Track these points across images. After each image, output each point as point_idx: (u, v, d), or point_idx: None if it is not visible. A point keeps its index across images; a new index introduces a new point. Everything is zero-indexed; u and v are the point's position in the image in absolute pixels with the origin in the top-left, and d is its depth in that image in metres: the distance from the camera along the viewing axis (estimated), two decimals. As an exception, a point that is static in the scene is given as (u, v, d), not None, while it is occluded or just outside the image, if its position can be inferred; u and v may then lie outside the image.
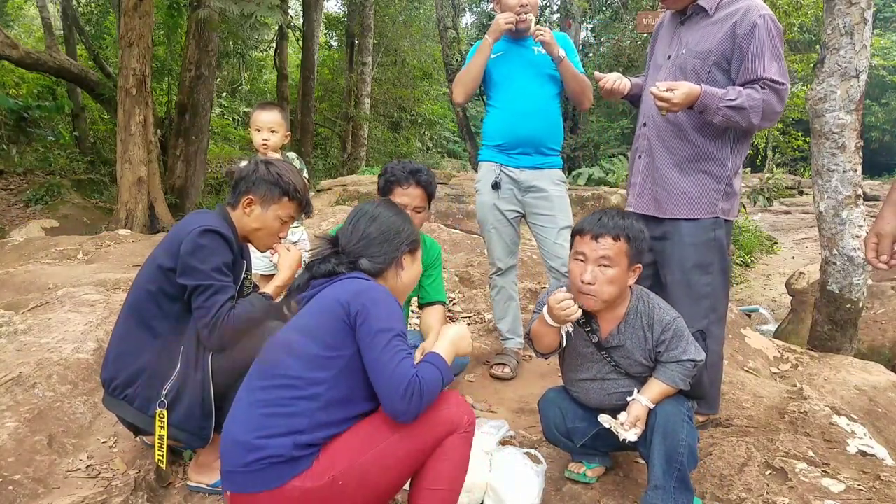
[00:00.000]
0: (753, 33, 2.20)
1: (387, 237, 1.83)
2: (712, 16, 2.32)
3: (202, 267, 1.97)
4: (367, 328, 1.60)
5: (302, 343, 1.63)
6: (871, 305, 5.26)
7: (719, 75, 2.29)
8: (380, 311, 1.62)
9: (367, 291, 1.67)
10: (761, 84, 2.21)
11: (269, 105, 3.21)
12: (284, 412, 1.56)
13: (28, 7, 18.30)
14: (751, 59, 2.21)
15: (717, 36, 2.28)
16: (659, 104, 2.15)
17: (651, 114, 2.42)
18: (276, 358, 1.65)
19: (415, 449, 1.64)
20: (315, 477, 1.53)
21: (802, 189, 18.61)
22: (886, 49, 21.31)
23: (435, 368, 1.65)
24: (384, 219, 1.86)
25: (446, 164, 19.34)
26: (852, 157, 3.98)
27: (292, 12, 17.80)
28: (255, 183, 2.14)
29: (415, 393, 1.55)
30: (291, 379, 1.59)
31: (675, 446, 1.93)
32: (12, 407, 2.39)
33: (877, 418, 3.04)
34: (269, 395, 1.59)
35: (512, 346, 3.33)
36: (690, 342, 2.04)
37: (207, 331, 1.96)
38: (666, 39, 2.52)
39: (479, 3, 18.64)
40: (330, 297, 1.68)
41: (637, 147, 2.55)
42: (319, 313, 1.67)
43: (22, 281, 4.33)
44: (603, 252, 1.94)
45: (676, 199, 2.41)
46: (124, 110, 8.22)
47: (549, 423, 2.29)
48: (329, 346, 1.61)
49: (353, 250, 1.81)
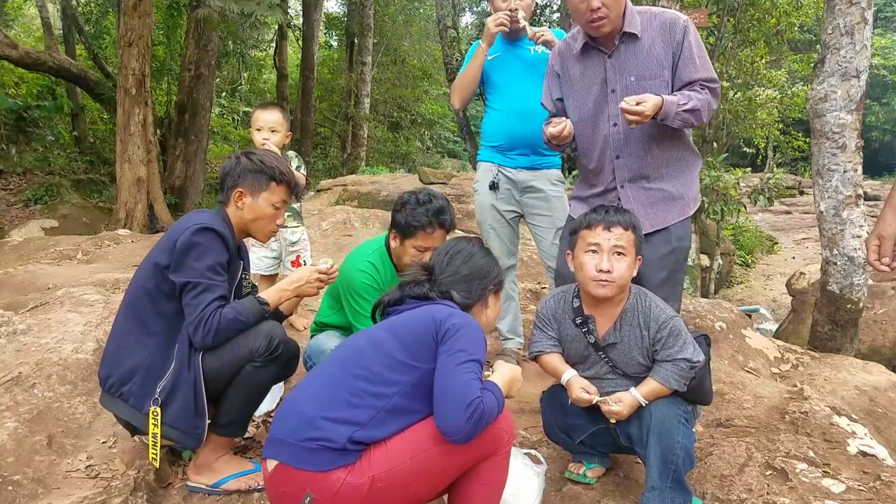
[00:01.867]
0: (685, 39, 2.32)
1: (478, 276, 1.93)
2: (641, 39, 2.34)
3: (195, 265, 1.97)
4: (451, 345, 1.66)
5: (389, 344, 1.70)
6: (872, 305, 5.27)
7: (664, 88, 2.36)
8: (468, 335, 1.69)
9: (462, 317, 1.75)
10: (699, 85, 2.32)
11: (271, 105, 3.22)
12: (350, 402, 1.62)
13: (27, 7, 18.30)
14: (685, 63, 2.33)
15: (659, 56, 2.34)
16: (631, 118, 2.19)
17: (623, 146, 2.39)
18: (364, 349, 1.72)
19: (457, 463, 1.67)
20: (357, 473, 1.57)
21: (803, 189, 18.63)
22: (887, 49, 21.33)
23: (494, 398, 1.66)
24: (476, 259, 1.97)
25: (446, 164, 19.34)
26: (853, 157, 3.98)
27: (292, 12, 17.80)
28: (241, 175, 2.15)
29: (475, 413, 1.57)
30: (370, 372, 1.65)
31: (671, 447, 1.94)
32: (12, 407, 2.38)
33: (877, 418, 3.04)
34: (343, 380, 1.66)
35: (512, 346, 3.33)
36: (688, 342, 2.04)
37: (192, 328, 1.96)
38: (594, 76, 2.41)
39: (479, 2, 18.66)
40: (426, 312, 1.76)
41: (613, 178, 2.44)
42: (413, 322, 1.75)
43: (21, 281, 4.32)
44: (616, 241, 2.00)
45: (670, 211, 2.42)
46: (124, 110, 8.21)
47: (549, 419, 2.30)
48: (412, 355, 1.67)
49: (446, 282, 1.90)
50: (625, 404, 2.03)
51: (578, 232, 2.08)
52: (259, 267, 3.26)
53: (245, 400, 2.11)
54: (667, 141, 2.38)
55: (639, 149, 2.38)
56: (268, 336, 2.03)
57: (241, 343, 2.01)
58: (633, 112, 2.17)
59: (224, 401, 2.07)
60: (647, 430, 2.00)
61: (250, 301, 2.08)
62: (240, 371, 2.02)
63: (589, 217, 2.07)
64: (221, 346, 2.00)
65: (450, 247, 2.00)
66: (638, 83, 2.34)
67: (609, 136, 2.39)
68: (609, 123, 2.39)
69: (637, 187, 2.41)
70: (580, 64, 2.44)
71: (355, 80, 16.93)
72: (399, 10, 18.97)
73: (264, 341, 2.01)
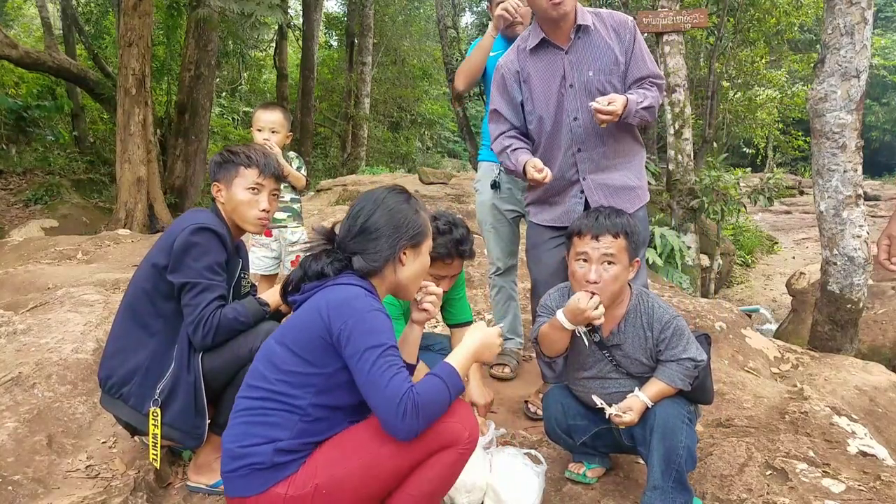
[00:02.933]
0: (635, 38, 2.46)
1: (385, 233, 1.69)
2: (594, 33, 2.44)
3: (193, 265, 1.97)
4: (353, 348, 1.51)
5: (283, 357, 1.58)
6: (872, 305, 5.27)
7: (619, 83, 2.46)
8: (364, 327, 1.53)
9: (350, 303, 1.56)
10: (648, 82, 2.46)
11: (272, 105, 3.23)
12: (264, 421, 1.55)
13: (27, 7, 18.30)
14: (636, 61, 2.46)
15: (612, 51, 2.44)
16: (604, 118, 2.27)
17: (584, 139, 2.47)
18: (259, 368, 1.62)
19: (405, 462, 1.58)
20: (298, 484, 1.52)
21: (803, 189, 18.63)
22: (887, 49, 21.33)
23: (439, 381, 1.55)
24: (380, 214, 1.70)
25: (446, 164, 19.35)
26: (853, 157, 3.98)
27: (292, 12, 17.79)
28: (214, 171, 2.19)
29: (408, 410, 1.46)
30: (272, 393, 1.56)
31: (674, 447, 1.94)
32: (12, 407, 2.38)
33: (877, 418, 3.04)
34: (251, 404, 1.58)
35: (512, 346, 3.33)
36: (690, 341, 2.06)
37: (192, 328, 1.96)
38: (552, 73, 2.46)
39: (479, 2, 18.63)
40: (312, 309, 1.59)
41: (575, 170, 2.50)
42: (301, 328, 1.60)
43: (21, 281, 4.33)
44: (605, 250, 1.98)
45: (632, 197, 2.54)
46: (124, 110, 8.21)
47: (550, 419, 2.29)
48: (309, 363, 1.55)
49: (348, 246, 1.70)
50: (635, 412, 2.01)
51: (571, 237, 2.08)
52: (259, 267, 3.26)
53: None
54: (620, 133, 2.49)
55: (598, 142, 2.47)
56: (267, 335, 2.02)
57: (240, 343, 2.01)
58: (605, 112, 2.26)
59: (223, 400, 2.06)
60: (650, 430, 2.00)
61: (250, 301, 2.09)
62: (239, 371, 2.02)
63: (579, 224, 2.05)
64: (221, 346, 2.00)
65: (358, 204, 1.75)
66: (595, 77, 2.43)
67: (571, 131, 2.47)
68: (569, 118, 2.46)
69: (598, 180, 2.50)
70: (537, 62, 2.50)
71: (355, 80, 16.93)
72: (399, 10, 18.97)
73: (264, 341, 2.01)
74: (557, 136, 2.50)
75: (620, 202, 2.44)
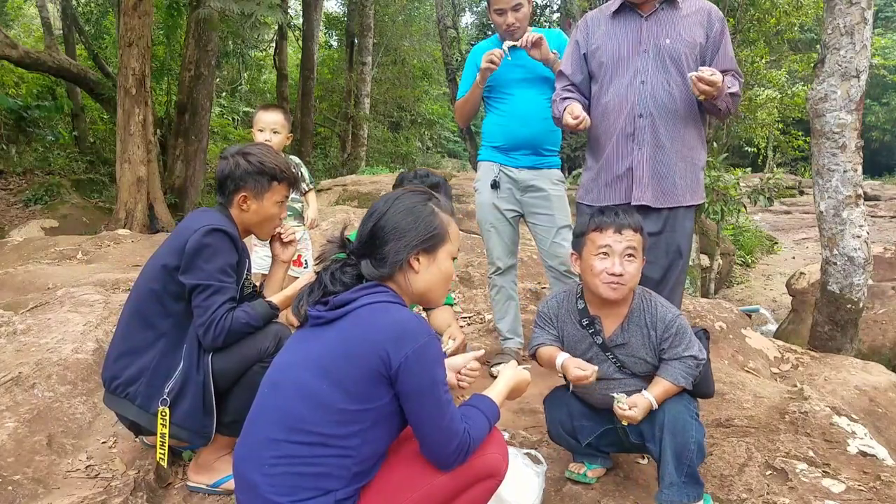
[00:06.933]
0: (723, 30, 2.46)
1: (393, 236, 1.55)
2: (680, 9, 2.45)
3: (206, 266, 1.97)
4: (414, 385, 1.43)
5: (326, 393, 1.43)
6: (872, 305, 5.27)
7: (694, 64, 2.44)
8: (426, 360, 1.44)
9: (409, 334, 1.44)
10: (733, 74, 2.45)
11: (273, 106, 3.25)
12: (315, 472, 1.42)
13: (27, 7, 18.29)
14: (724, 52, 2.46)
15: (695, 28, 2.44)
16: (705, 89, 2.23)
17: (648, 105, 2.44)
18: (296, 407, 1.45)
19: (456, 492, 1.56)
20: None
21: (803, 189, 18.64)
22: (887, 49, 21.32)
23: (485, 419, 1.57)
24: (395, 211, 1.57)
25: (446, 164, 19.37)
26: (853, 157, 3.98)
27: (292, 12, 17.81)
28: (242, 178, 2.12)
29: (463, 451, 1.49)
30: (317, 436, 1.42)
31: (686, 443, 1.96)
32: (12, 407, 2.38)
33: (877, 418, 3.04)
34: (294, 451, 1.43)
35: (512, 346, 3.33)
36: (693, 339, 2.07)
37: (203, 330, 1.96)
38: (626, 35, 2.49)
39: (479, 2, 18.65)
40: (360, 337, 1.45)
41: (632, 138, 2.48)
42: (348, 357, 1.44)
43: (21, 281, 4.33)
44: (627, 244, 2.01)
45: (681, 188, 2.50)
46: (124, 110, 8.21)
47: (554, 421, 2.29)
48: (359, 398, 1.43)
49: (358, 251, 1.60)
50: (640, 409, 2.02)
51: (586, 234, 2.07)
52: (261, 266, 3.26)
53: (251, 400, 2.10)
54: (688, 116, 2.45)
55: (662, 113, 2.43)
56: (276, 337, 2.04)
57: (249, 343, 2.02)
58: (708, 82, 2.21)
59: (230, 400, 2.06)
60: (659, 428, 2.00)
61: (260, 304, 2.09)
62: (246, 371, 2.02)
63: (598, 219, 2.05)
64: (229, 346, 2.01)
65: (375, 204, 1.64)
66: (672, 45, 2.41)
67: (636, 93, 2.44)
68: (637, 80, 2.44)
69: (653, 156, 2.45)
70: (613, 23, 2.52)
71: (355, 80, 16.92)
72: (399, 10, 18.96)
73: (273, 342, 2.02)
74: (623, 97, 2.47)
75: (664, 189, 2.45)
